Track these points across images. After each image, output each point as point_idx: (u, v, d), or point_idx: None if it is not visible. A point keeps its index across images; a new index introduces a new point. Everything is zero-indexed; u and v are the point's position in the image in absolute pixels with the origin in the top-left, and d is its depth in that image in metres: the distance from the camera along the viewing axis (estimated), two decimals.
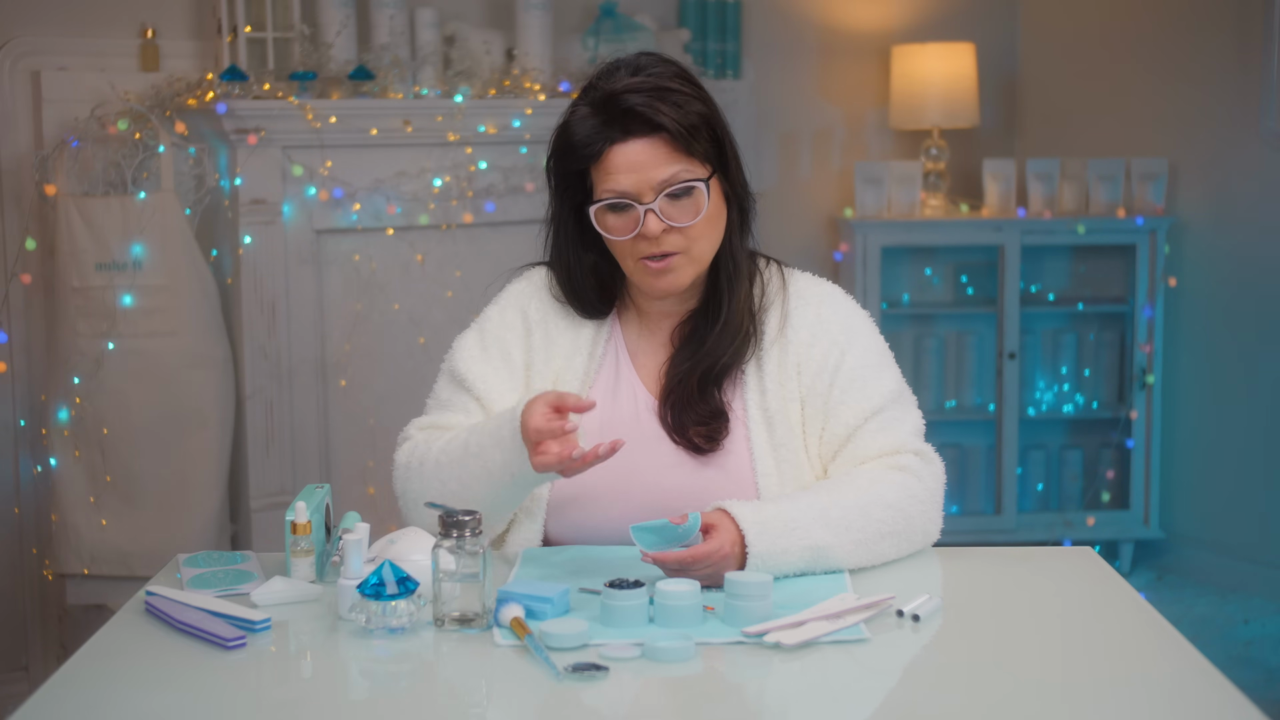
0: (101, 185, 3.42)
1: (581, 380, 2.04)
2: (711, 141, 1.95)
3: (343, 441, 3.70)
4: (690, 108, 1.93)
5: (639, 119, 1.91)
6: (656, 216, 1.91)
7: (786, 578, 1.86)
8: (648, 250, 1.93)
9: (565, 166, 1.98)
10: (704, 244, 1.96)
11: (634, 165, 1.91)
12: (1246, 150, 4.26)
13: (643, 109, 1.91)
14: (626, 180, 1.92)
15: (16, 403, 3.53)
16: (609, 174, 1.93)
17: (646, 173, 1.91)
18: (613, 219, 1.94)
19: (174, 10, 3.66)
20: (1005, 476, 4.50)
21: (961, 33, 4.65)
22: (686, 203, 1.93)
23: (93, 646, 1.69)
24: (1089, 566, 1.96)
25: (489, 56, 3.85)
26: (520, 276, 2.14)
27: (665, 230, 1.92)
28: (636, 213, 1.92)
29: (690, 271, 1.97)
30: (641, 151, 1.91)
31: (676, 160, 1.92)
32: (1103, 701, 1.52)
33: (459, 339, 2.12)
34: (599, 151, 1.93)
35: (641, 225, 1.92)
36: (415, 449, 2.04)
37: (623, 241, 1.95)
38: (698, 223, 1.93)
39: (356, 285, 3.68)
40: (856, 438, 1.99)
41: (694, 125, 1.93)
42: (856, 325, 2.05)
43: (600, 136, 1.93)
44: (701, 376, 1.99)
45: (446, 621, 1.71)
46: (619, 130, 1.92)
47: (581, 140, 1.94)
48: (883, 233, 4.43)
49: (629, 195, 1.92)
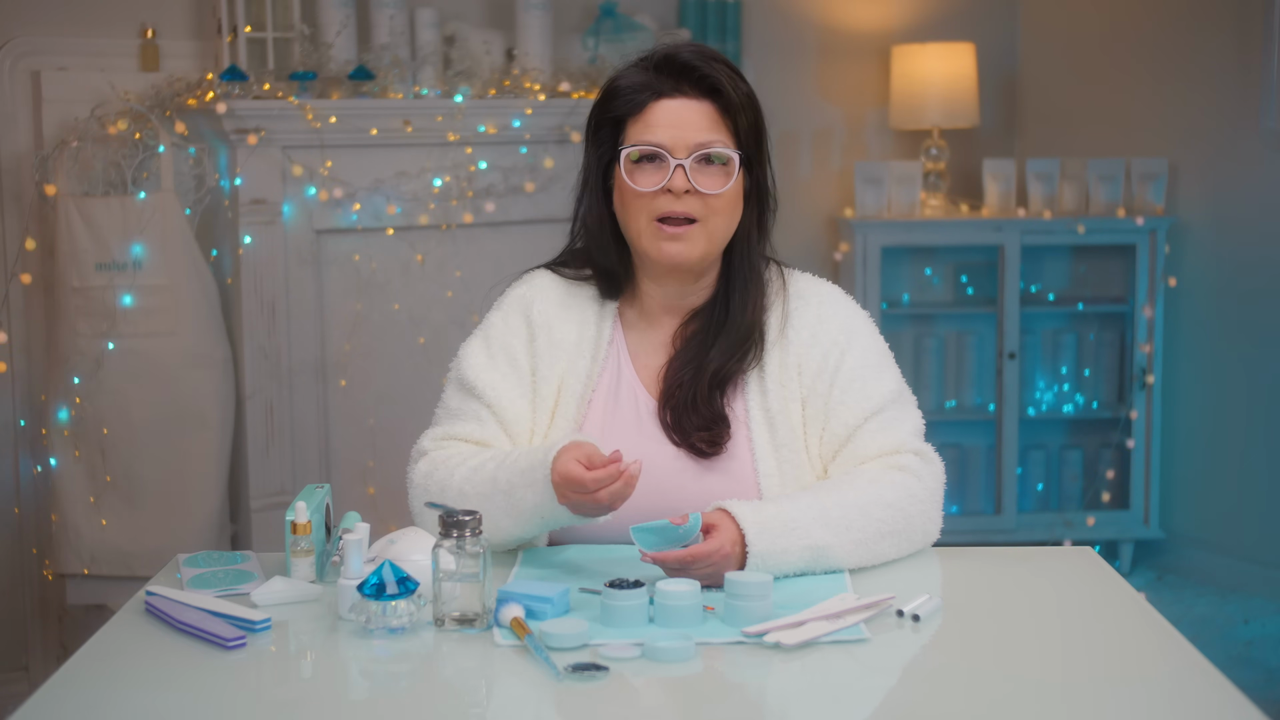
0: (101, 185, 3.42)
1: (584, 383, 2.04)
2: (752, 131, 1.98)
3: (343, 441, 3.70)
4: (743, 88, 1.98)
5: (694, 79, 1.94)
6: (685, 174, 1.93)
7: (786, 577, 1.86)
8: (667, 208, 1.94)
9: (605, 112, 1.99)
10: (721, 221, 1.97)
11: (675, 122, 1.94)
12: (1246, 150, 4.26)
13: (703, 67, 1.94)
14: (665, 134, 1.94)
15: (16, 403, 3.53)
16: (648, 126, 1.95)
17: (685, 131, 1.94)
18: (639, 173, 1.95)
19: (174, 10, 3.66)
20: (1005, 476, 4.50)
21: (961, 33, 4.65)
22: (717, 171, 1.95)
23: (93, 646, 1.69)
24: (1089, 566, 1.97)
25: (489, 56, 3.85)
26: (522, 281, 2.13)
27: (687, 191, 1.93)
28: (666, 166, 1.93)
29: (701, 245, 1.96)
30: (686, 110, 1.94)
31: (717, 129, 1.95)
32: (1103, 701, 1.52)
33: (464, 347, 2.10)
34: (644, 102, 1.95)
35: (669, 179, 1.93)
36: (435, 468, 2.00)
37: (642, 197, 1.95)
38: (721, 195, 1.94)
39: (356, 285, 3.68)
40: (856, 438, 2.00)
41: (742, 104, 1.96)
42: (856, 326, 2.06)
43: (648, 87, 1.96)
44: (704, 383, 1.99)
45: (446, 621, 1.71)
46: (670, 85, 1.95)
47: (629, 86, 1.97)
48: (883, 233, 4.43)
49: (664, 147, 1.93)
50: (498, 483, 1.91)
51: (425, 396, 3.55)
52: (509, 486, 1.90)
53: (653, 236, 1.96)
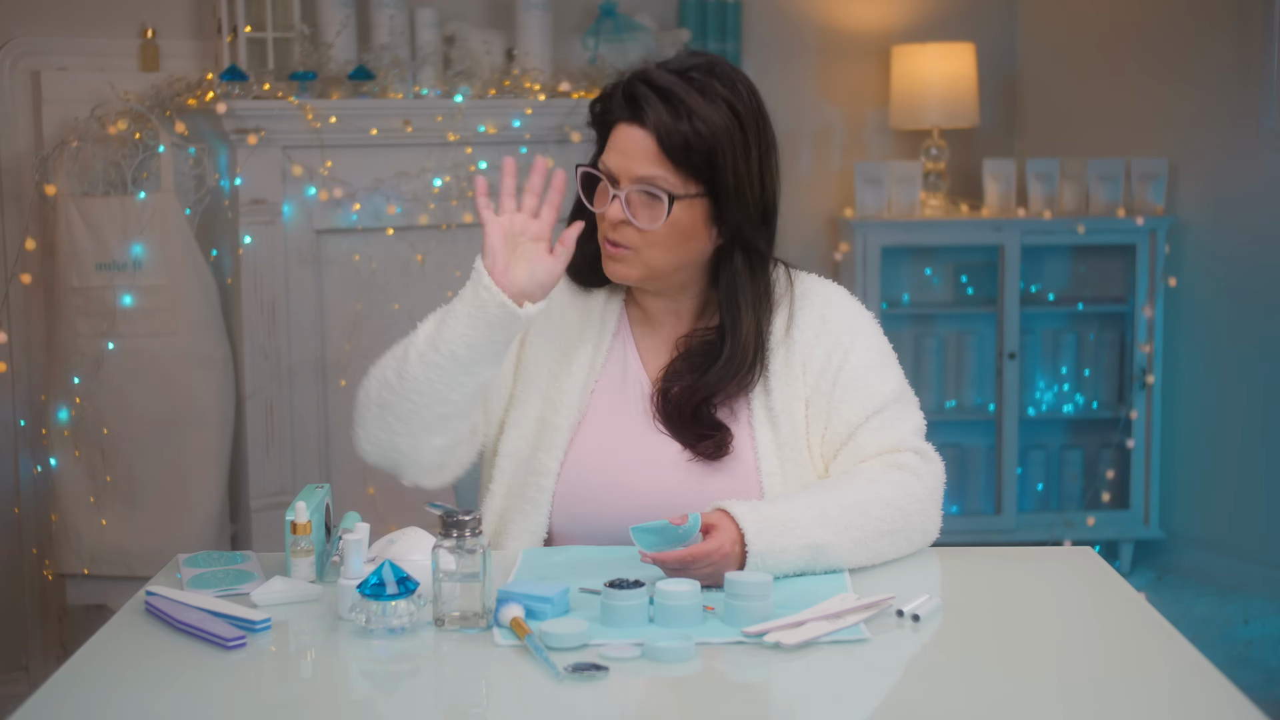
0: (101, 185, 3.42)
1: (588, 371, 2.04)
2: (708, 165, 1.92)
3: (343, 441, 3.70)
4: (699, 128, 1.90)
5: (638, 109, 1.93)
6: (620, 205, 1.93)
7: (786, 577, 1.86)
8: (604, 231, 1.96)
9: (593, 117, 2.01)
10: (658, 253, 1.94)
11: (625, 149, 1.93)
12: (1246, 150, 4.26)
13: (643, 103, 1.92)
14: (614, 161, 1.94)
15: (16, 403, 3.53)
16: (609, 147, 1.96)
17: (631, 162, 1.93)
18: (596, 190, 1.98)
19: (174, 10, 3.66)
20: (1005, 476, 4.50)
21: (961, 33, 4.65)
22: (652, 207, 1.93)
23: (93, 646, 1.69)
24: (1089, 566, 1.96)
25: (489, 56, 3.85)
26: None
27: (623, 221, 1.93)
28: (608, 193, 1.94)
29: (637, 272, 1.96)
30: (637, 140, 1.93)
31: (661, 165, 1.92)
32: (1103, 701, 1.52)
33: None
34: (610, 123, 1.96)
35: (608, 207, 1.94)
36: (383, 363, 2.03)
37: (593, 212, 1.98)
38: (654, 231, 1.93)
39: (356, 285, 3.68)
40: (857, 436, 2.00)
41: (688, 142, 1.90)
42: (860, 326, 2.06)
43: (613, 108, 1.96)
44: (695, 401, 1.99)
45: (446, 621, 1.71)
46: (627, 111, 1.94)
47: (603, 103, 1.98)
48: (883, 233, 4.43)
49: (611, 174, 1.94)
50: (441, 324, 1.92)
51: None
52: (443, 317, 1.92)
53: (603, 253, 1.98)
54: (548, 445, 2.02)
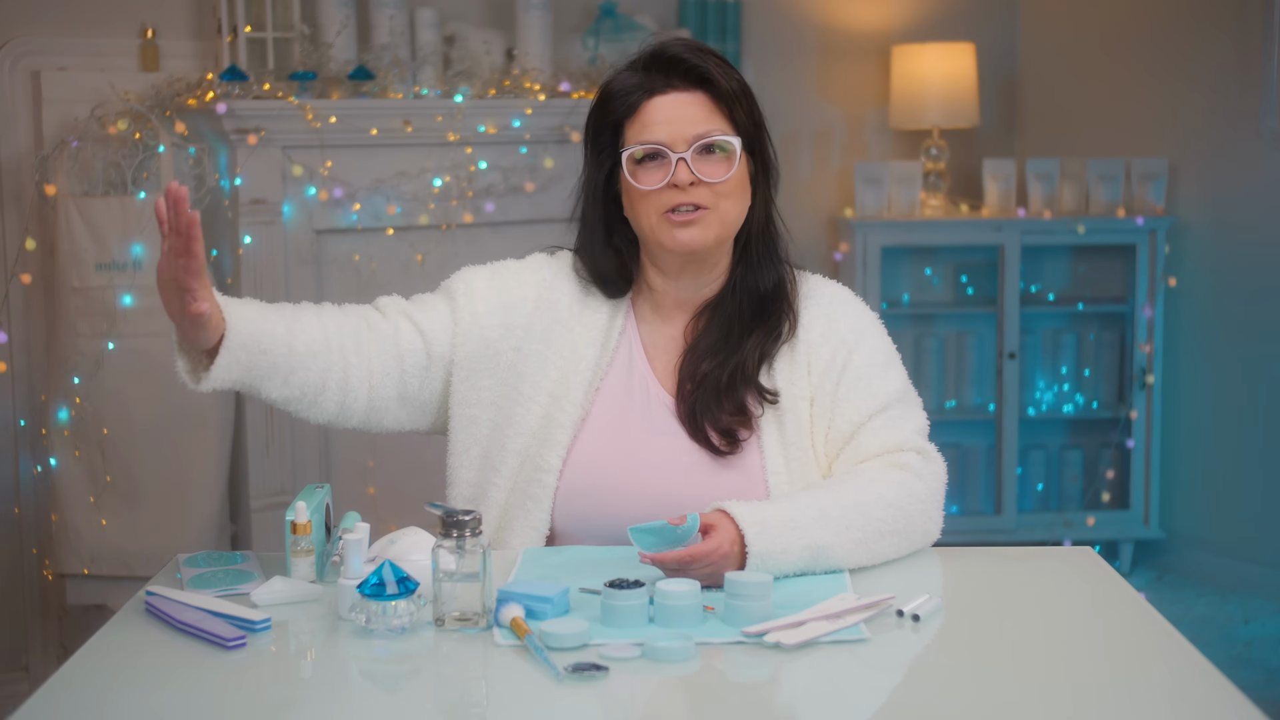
0: (101, 185, 3.42)
1: (593, 371, 2.04)
2: (749, 115, 1.99)
3: (343, 441, 3.70)
4: (734, 77, 1.99)
5: (684, 71, 1.96)
6: (688, 166, 1.93)
7: (786, 577, 1.86)
8: (675, 200, 1.95)
9: (602, 119, 2.00)
10: (730, 205, 1.98)
11: (671, 117, 1.95)
12: (1246, 150, 4.26)
13: (690, 59, 1.96)
14: (662, 131, 1.95)
15: (16, 403, 3.53)
16: (645, 125, 1.96)
17: (682, 125, 1.95)
18: (643, 172, 1.96)
19: (174, 10, 3.66)
20: (1005, 476, 4.50)
21: (961, 33, 4.65)
22: (719, 159, 1.96)
23: (93, 646, 1.69)
24: (1089, 566, 1.96)
25: (489, 56, 3.85)
26: (549, 252, 2.16)
27: (694, 183, 1.94)
28: (668, 162, 1.94)
29: (715, 230, 1.97)
30: (680, 104, 1.95)
31: (714, 119, 1.96)
32: (1103, 701, 1.52)
33: (467, 268, 2.13)
34: (637, 103, 1.96)
35: (672, 174, 1.93)
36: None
37: (649, 194, 1.96)
38: (727, 181, 1.95)
39: (356, 285, 3.68)
40: (860, 435, 2.00)
41: (736, 92, 1.97)
42: (865, 326, 2.07)
43: (641, 87, 1.97)
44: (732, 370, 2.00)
45: (446, 621, 1.71)
46: (661, 81, 1.96)
47: (621, 89, 1.98)
48: (883, 233, 4.43)
49: (663, 144, 1.94)
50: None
51: None
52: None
53: (665, 227, 1.97)
54: (551, 442, 2.02)
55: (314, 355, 1.97)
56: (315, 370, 1.98)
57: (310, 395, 1.99)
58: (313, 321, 2.00)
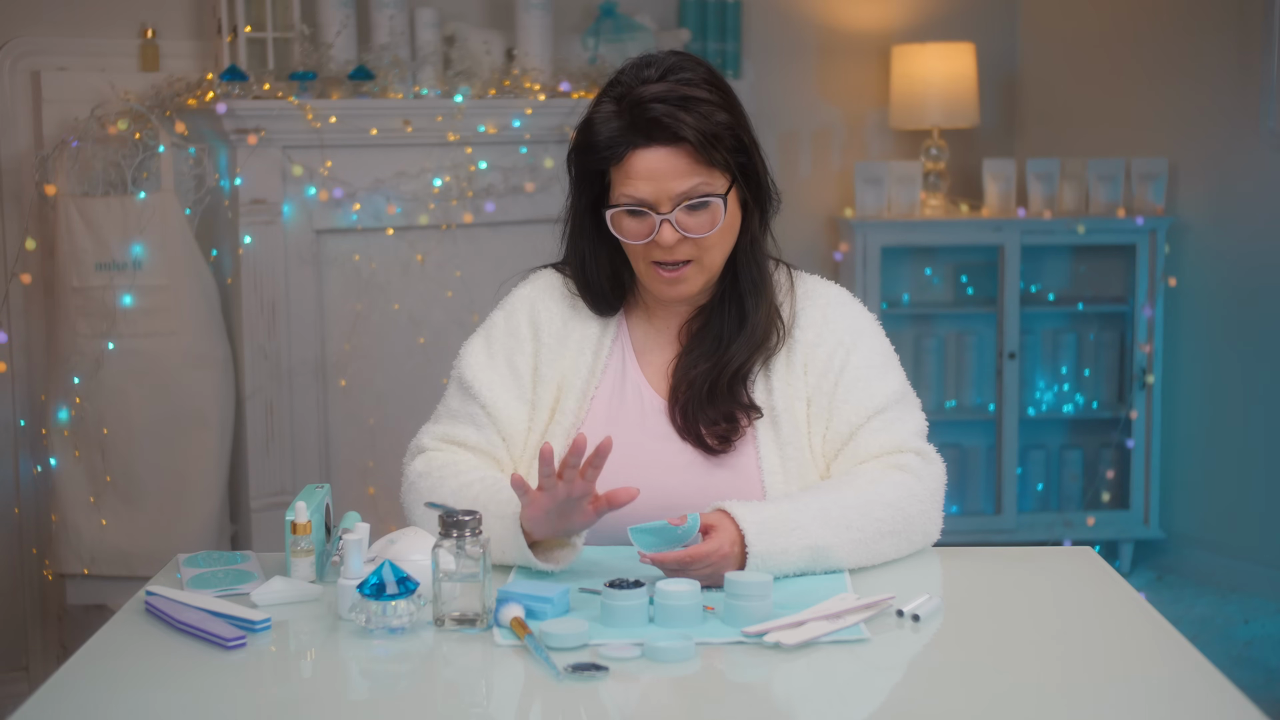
0: (101, 185, 3.42)
1: (586, 379, 2.04)
2: (733, 149, 1.95)
3: (343, 441, 3.70)
4: (715, 117, 1.93)
5: (662, 128, 1.91)
6: (672, 227, 1.92)
7: (786, 577, 1.86)
8: (661, 257, 1.95)
9: (586, 164, 1.98)
10: (716, 253, 1.97)
11: (654, 174, 1.92)
12: (1246, 150, 4.26)
13: (667, 120, 1.90)
14: (645, 188, 1.92)
15: (16, 403, 3.53)
16: (628, 178, 1.93)
17: (666, 183, 1.92)
18: (629, 223, 1.95)
19: (174, 10, 3.66)
20: (1005, 476, 4.50)
21: (961, 33, 4.65)
22: (703, 215, 1.94)
23: (93, 646, 1.69)
24: (1089, 566, 1.97)
25: (489, 56, 3.85)
26: (527, 281, 2.14)
27: (679, 240, 1.93)
28: (652, 220, 1.93)
29: (701, 280, 1.98)
30: (662, 160, 1.92)
31: (697, 172, 1.92)
32: (1103, 701, 1.52)
33: (466, 345, 2.11)
34: (621, 155, 1.93)
35: (656, 234, 1.93)
36: (430, 469, 2.01)
37: (636, 246, 1.96)
38: (713, 234, 1.94)
39: (356, 285, 3.68)
40: (858, 436, 2.00)
41: (716, 135, 1.92)
42: (862, 327, 2.06)
43: (623, 140, 1.93)
44: (724, 380, 1.99)
45: (446, 621, 1.71)
46: (642, 136, 1.92)
47: (604, 141, 1.94)
48: (883, 233, 4.43)
49: (646, 203, 1.92)
50: (479, 505, 1.91)
51: (425, 396, 3.55)
52: (485, 512, 1.89)
53: (653, 279, 1.98)
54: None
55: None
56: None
57: None
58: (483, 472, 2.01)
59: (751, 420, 2.00)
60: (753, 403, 2.00)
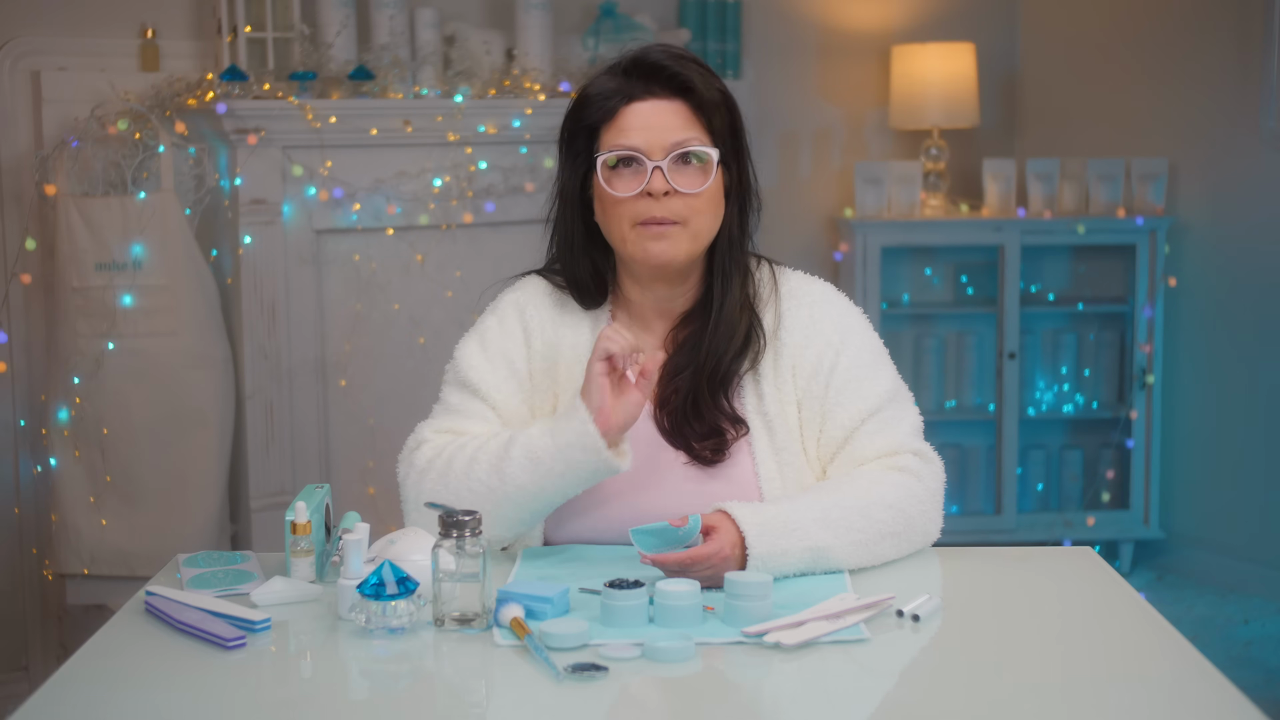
0: (101, 185, 3.43)
1: (577, 386, 2.02)
2: (728, 131, 1.96)
3: (343, 441, 3.70)
4: (716, 85, 1.96)
5: (665, 78, 1.93)
6: (663, 175, 1.91)
7: (786, 578, 1.86)
8: (648, 212, 1.92)
9: (578, 122, 1.98)
10: (703, 220, 1.95)
11: (648, 124, 1.92)
12: (1246, 150, 4.26)
13: (672, 65, 1.93)
14: (639, 137, 1.92)
15: (16, 403, 3.53)
16: (621, 131, 1.93)
17: (659, 133, 1.92)
18: (617, 179, 1.94)
19: (174, 10, 3.66)
20: (1005, 476, 4.50)
21: (961, 33, 4.65)
22: (695, 170, 1.93)
23: (93, 646, 1.69)
24: (1089, 566, 1.97)
25: (489, 56, 3.85)
26: (515, 286, 2.12)
27: (668, 194, 1.91)
28: (643, 170, 1.92)
29: (685, 246, 1.94)
30: (658, 111, 1.93)
31: (692, 127, 1.93)
32: (1103, 701, 1.52)
33: (460, 348, 2.09)
34: (615, 107, 1.94)
35: (647, 182, 1.91)
36: (440, 453, 1.99)
37: (623, 202, 1.93)
38: (701, 194, 1.93)
39: (356, 285, 3.68)
40: (854, 439, 1.99)
41: (716, 102, 1.95)
42: (850, 324, 2.04)
43: (619, 92, 1.94)
44: (703, 387, 1.97)
45: (446, 621, 1.71)
46: (640, 87, 1.93)
47: (599, 93, 1.95)
48: (883, 233, 4.43)
49: (639, 150, 1.92)
50: (513, 442, 1.90)
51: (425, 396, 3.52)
52: (527, 440, 1.89)
53: (636, 238, 1.94)
54: None
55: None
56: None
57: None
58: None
59: (739, 434, 1.98)
60: (738, 415, 1.99)
